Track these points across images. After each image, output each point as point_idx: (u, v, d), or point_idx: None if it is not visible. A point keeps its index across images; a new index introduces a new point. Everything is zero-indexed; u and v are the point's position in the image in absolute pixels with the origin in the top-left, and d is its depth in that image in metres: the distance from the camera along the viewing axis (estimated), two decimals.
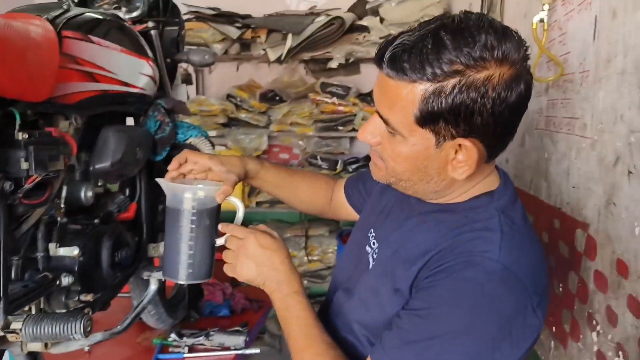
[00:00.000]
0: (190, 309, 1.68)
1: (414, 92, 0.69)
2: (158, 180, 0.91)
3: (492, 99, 0.68)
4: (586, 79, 1.01)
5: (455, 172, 0.74)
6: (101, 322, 1.31)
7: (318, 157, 3.02)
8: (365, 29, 2.86)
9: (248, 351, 1.48)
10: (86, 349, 1.48)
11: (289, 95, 2.95)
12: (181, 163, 0.96)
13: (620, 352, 0.83)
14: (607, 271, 0.88)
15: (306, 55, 2.87)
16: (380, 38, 2.85)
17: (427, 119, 0.70)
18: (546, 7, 1.18)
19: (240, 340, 1.49)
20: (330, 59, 2.91)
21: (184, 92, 1.54)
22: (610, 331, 0.87)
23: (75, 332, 0.79)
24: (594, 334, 0.92)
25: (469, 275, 0.71)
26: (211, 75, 3.24)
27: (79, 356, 1.46)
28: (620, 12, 0.87)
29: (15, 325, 0.79)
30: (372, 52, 2.90)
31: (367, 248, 0.92)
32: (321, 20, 2.78)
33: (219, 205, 0.92)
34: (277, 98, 2.98)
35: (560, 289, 1.04)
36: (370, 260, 0.88)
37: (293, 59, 2.91)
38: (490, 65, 0.67)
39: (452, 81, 0.67)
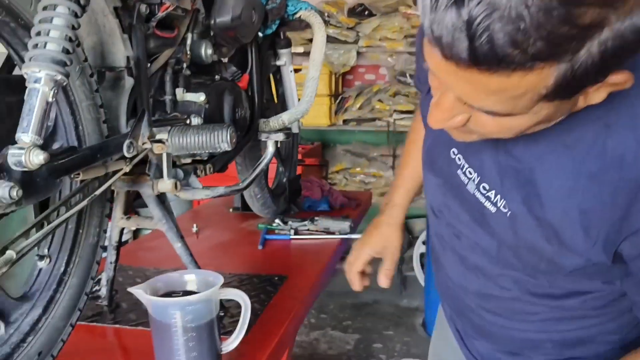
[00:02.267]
0: (289, 203, 1.68)
1: (541, 76, 0.47)
2: (132, 290, 0.74)
3: None
4: None
5: (591, 100, 0.55)
6: None
7: (407, 75, 2.91)
8: None
9: (354, 236, 1.47)
10: (194, 229, 1.52)
11: (378, 9, 2.83)
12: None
13: None
14: None
15: None
16: None
17: (562, 93, 0.50)
18: None
19: (345, 225, 1.47)
20: None
21: None
22: None
23: (222, 141, 0.77)
24: None
25: None
26: None
27: (188, 235, 1.50)
28: None
29: (162, 135, 0.78)
30: None
31: (460, 173, 0.75)
32: None
33: (218, 310, 0.78)
34: (366, 12, 2.87)
35: None
36: (488, 204, 0.71)
37: None
38: None
39: (597, 37, 0.45)
